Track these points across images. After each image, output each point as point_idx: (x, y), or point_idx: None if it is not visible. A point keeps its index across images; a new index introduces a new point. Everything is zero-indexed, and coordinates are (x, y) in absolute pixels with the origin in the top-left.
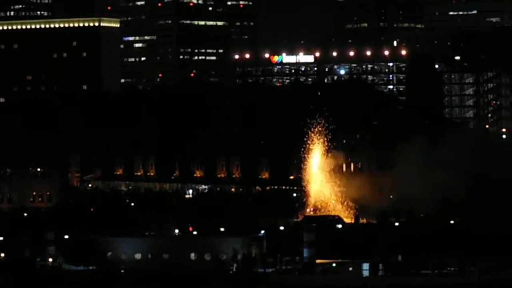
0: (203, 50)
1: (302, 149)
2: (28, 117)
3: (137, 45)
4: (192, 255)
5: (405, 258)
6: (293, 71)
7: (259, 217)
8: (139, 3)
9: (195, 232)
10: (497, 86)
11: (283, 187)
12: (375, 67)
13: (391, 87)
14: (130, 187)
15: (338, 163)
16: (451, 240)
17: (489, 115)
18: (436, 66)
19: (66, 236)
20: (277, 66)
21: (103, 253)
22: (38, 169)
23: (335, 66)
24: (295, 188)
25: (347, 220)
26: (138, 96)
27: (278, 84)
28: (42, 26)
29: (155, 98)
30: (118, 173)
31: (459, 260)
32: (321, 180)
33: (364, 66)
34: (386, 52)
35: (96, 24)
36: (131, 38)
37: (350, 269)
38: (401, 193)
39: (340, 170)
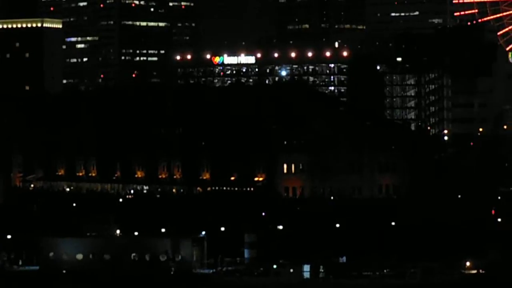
0: (145, 51)
1: (243, 150)
2: None
3: (79, 45)
4: (133, 256)
5: (347, 259)
6: (234, 72)
7: (201, 217)
8: (81, 4)
9: (136, 233)
10: (438, 88)
11: (224, 188)
12: (317, 68)
13: (332, 88)
14: (72, 188)
15: (280, 164)
16: (392, 242)
17: (430, 117)
18: (378, 67)
19: (9, 236)
20: (219, 67)
21: (45, 253)
22: None
23: (276, 67)
24: (235, 189)
25: None
26: (80, 96)
27: (219, 85)
28: None
29: (97, 98)
30: (60, 173)
31: (400, 262)
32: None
33: (305, 67)
34: (328, 53)
35: (39, 25)
36: (73, 39)
37: (291, 270)
38: (343, 194)
39: (281, 171)
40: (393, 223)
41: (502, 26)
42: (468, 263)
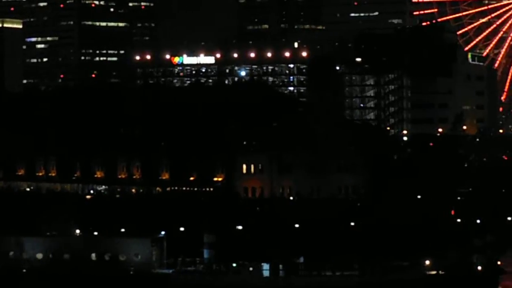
0: (104, 51)
1: (203, 150)
2: None
3: (39, 46)
4: (93, 256)
5: (306, 259)
6: (193, 72)
7: (160, 217)
8: (41, 4)
9: (95, 233)
10: (398, 88)
11: (183, 188)
12: (276, 68)
13: (291, 88)
14: (31, 187)
15: (239, 164)
16: (352, 241)
17: (390, 116)
18: (337, 67)
19: None
20: (178, 67)
21: (4, 252)
22: None
23: (236, 68)
24: (195, 189)
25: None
26: (40, 96)
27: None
28: None
29: (57, 98)
30: (19, 173)
31: (360, 261)
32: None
33: (264, 68)
34: (287, 54)
35: None
36: (33, 39)
37: (251, 269)
38: (302, 194)
39: (240, 171)
40: (352, 223)
41: (462, 26)
42: (427, 263)
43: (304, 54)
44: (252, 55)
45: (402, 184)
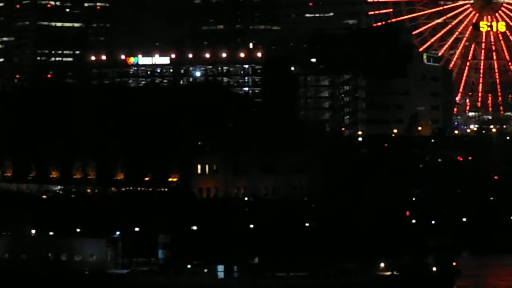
0: (60, 52)
1: (158, 151)
2: None
3: None
4: (49, 256)
5: (260, 260)
6: (149, 72)
7: (115, 218)
8: None
9: (51, 233)
10: (353, 89)
11: (138, 188)
12: (231, 69)
13: (246, 89)
14: None
15: (194, 165)
16: (306, 242)
17: (345, 117)
18: (292, 68)
19: None
20: (133, 68)
21: None
22: None
23: (191, 68)
24: (150, 189)
25: None
26: None
27: (134, 86)
28: None
29: (12, 99)
30: None
31: (313, 262)
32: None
33: (219, 68)
34: (242, 54)
35: None
36: None
37: (205, 270)
38: (257, 195)
39: (195, 172)
40: (306, 224)
41: (417, 26)
42: (382, 265)
43: (259, 54)
44: (207, 55)
45: (357, 185)
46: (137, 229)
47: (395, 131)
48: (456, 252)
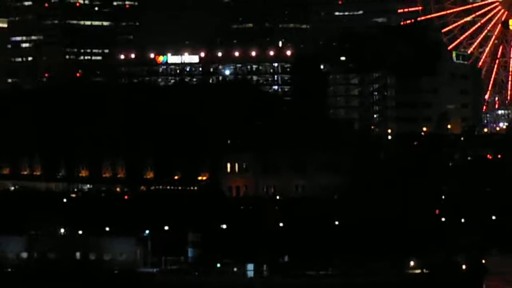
0: (89, 50)
1: (187, 149)
2: None
3: (24, 45)
4: (77, 255)
5: (290, 259)
6: (178, 71)
7: (145, 216)
8: (26, 3)
9: (80, 232)
10: (382, 87)
11: (168, 187)
12: (260, 67)
13: (276, 87)
14: (16, 186)
15: (223, 163)
16: (336, 241)
17: (375, 115)
18: (321, 66)
19: None
20: (162, 66)
21: None
22: None
23: (220, 67)
24: (179, 188)
25: None
26: (24, 95)
27: (163, 84)
28: None
29: (41, 97)
30: (4, 172)
31: (344, 261)
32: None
33: (249, 67)
34: (271, 53)
35: None
36: (18, 38)
37: (235, 269)
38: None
39: (225, 170)
40: (336, 223)
41: (446, 24)
42: (412, 263)
43: (289, 53)
44: (237, 54)
45: (386, 184)
46: (166, 228)
47: (424, 129)
48: (486, 250)
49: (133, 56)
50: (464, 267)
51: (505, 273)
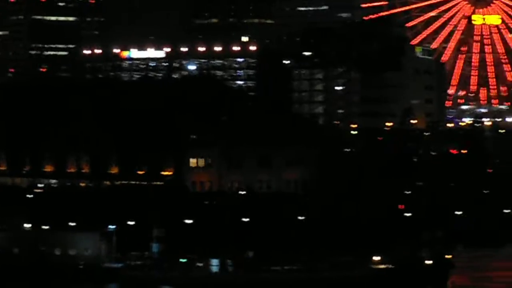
0: (54, 46)
1: (152, 144)
2: None
3: None
4: (43, 250)
5: (254, 254)
6: (142, 66)
7: (109, 211)
8: None
9: (45, 227)
10: (346, 82)
11: (132, 182)
12: (225, 62)
13: (240, 82)
14: None
15: (187, 158)
16: (300, 236)
17: (339, 110)
18: (286, 62)
19: None
20: (127, 62)
21: None
22: None
23: (185, 62)
24: (144, 183)
25: None
26: None
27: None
28: None
29: (6, 93)
30: None
31: (309, 256)
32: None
33: (213, 62)
34: (236, 48)
35: None
36: None
37: (200, 264)
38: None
39: (189, 165)
40: (300, 218)
41: (410, 19)
42: (376, 258)
43: (253, 48)
44: (201, 49)
45: (350, 179)
46: (131, 223)
47: (388, 124)
48: (450, 245)
49: (98, 51)
50: (428, 262)
51: (471, 268)
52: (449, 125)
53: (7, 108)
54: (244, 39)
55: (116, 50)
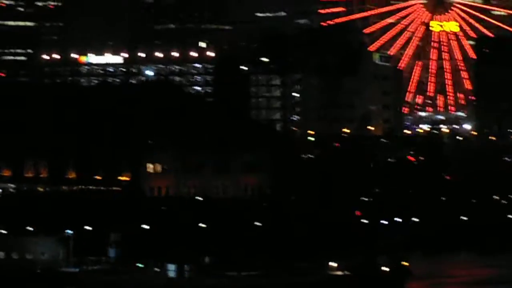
0: (12, 50)
1: (109, 150)
2: None
3: None
4: (1, 254)
5: (211, 259)
6: (101, 71)
7: (66, 216)
8: None
9: (3, 231)
10: (304, 88)
11: (90, 187)
12: (183, 68)
13: (198, 88)
14: None
15: (144, 163)
16: (257, 242)
17: (296, 116)
18: (244, 67)
19: None
20: (85, 67)
21: None
22: None
23: (142, 67)
24: (101, 188)
25: None
26: None
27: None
28: None
29: None
30: None
31: (264, 262)
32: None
33: (171, 67)
34: (194, 53)
35: None
36: None
37: (156, 269)
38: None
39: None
40: (257, 224)
41: (368, 25)
42: (333, 264)
43: (211, 53)
44: (159, 54)
45: (307, 185)
46: (88, 227)
47: (346, 130)
48: (408, 252)
49: (56, 56)
50: (385, 269)
51: (429, 276)
52: (406, 131)
53: None
54: (202, 44)
55: (74, 55)
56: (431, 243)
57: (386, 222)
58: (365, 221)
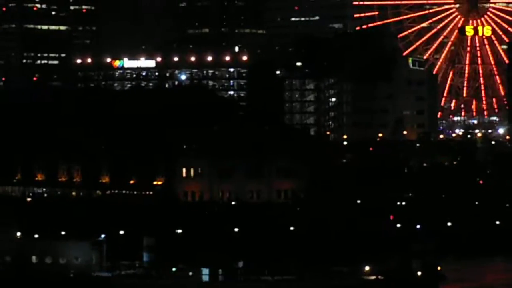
0: (46, 54)
1: (143, 154)
2: None
3: None
4: (34, 258)
5: (245, 264)
6: (134, 76)
7: (100, 221)
8: None
9: (36, 235)
10: (338, 93)
11: (123, 192)
12: (216, 72)
13: (232, 92)
14: None
15: (179, 168)
16: (291, 246)
17: (330, 121)
18: (278, 72)
19: None
20: (119, 71)
21: None
22: None
23: (176, 71)
24: (135, 192)
25: None
26: None
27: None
28: None
29: None
30: None
31: (298, 266)
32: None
33: (205, 72)
34: (227, 58)
35: None
36: None
37: (190, 273)
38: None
39: (180, 175)
40: (291, 228)
41: (402, 30)
42: (367, 268)
43: (245, 58)
44: (193, 59)
45: (342, 189)
46: (122, 232)
47: (380, 135)
48: (441, 257)
49: (89, 60)
50: (419, 273)
51: (462, 280)
52: (440, 136)
53: None
54: (236, 49)
55: (107, 59)
56: (465, 247)
57: (420, 227)
58: (399, 225)
